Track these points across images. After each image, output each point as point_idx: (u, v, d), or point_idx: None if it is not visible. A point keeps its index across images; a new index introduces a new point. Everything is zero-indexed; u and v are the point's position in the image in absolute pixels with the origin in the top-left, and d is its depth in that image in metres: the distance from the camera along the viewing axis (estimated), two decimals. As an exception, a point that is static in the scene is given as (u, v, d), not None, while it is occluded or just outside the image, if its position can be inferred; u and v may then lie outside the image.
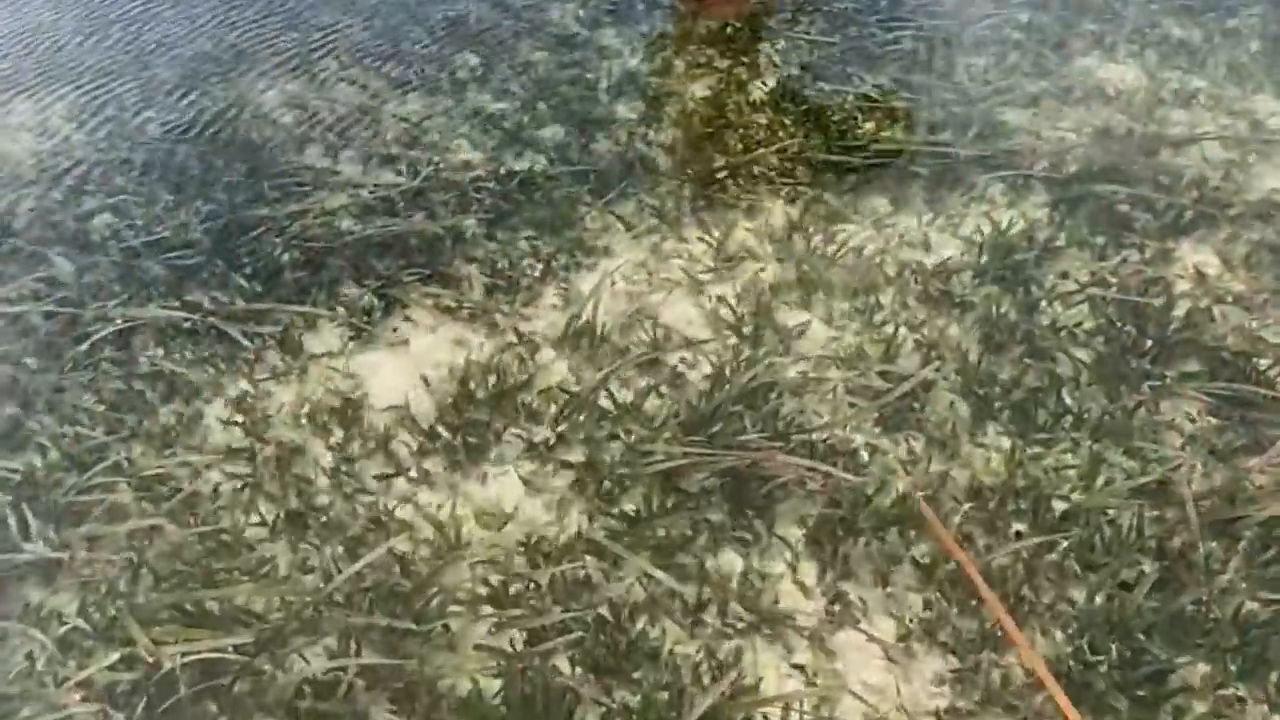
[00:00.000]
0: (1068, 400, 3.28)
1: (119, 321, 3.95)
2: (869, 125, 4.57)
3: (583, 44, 5.37)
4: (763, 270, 3.91)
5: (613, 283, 3.93)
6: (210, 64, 5.56)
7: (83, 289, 4.17)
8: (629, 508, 3.13)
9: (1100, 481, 3.03)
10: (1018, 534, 2.89)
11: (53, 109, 5.33)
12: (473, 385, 3.58)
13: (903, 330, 3.57)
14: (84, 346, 3.87)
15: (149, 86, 5.42)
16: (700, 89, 4.95)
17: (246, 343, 3.82)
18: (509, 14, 5.68)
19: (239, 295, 4.04)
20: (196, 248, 4.29)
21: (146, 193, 4.66)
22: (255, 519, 3.23)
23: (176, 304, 4.01)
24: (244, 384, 3.69)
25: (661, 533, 3.06)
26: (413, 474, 3.34)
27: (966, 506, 2.95)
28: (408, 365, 3.72)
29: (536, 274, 4.02)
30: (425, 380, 3.63)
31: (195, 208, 4.52)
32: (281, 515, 3.23)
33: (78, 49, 5.80)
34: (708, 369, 3.55)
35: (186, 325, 3.91)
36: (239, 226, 4.39)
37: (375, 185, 4.53)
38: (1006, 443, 3.18)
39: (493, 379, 3.58)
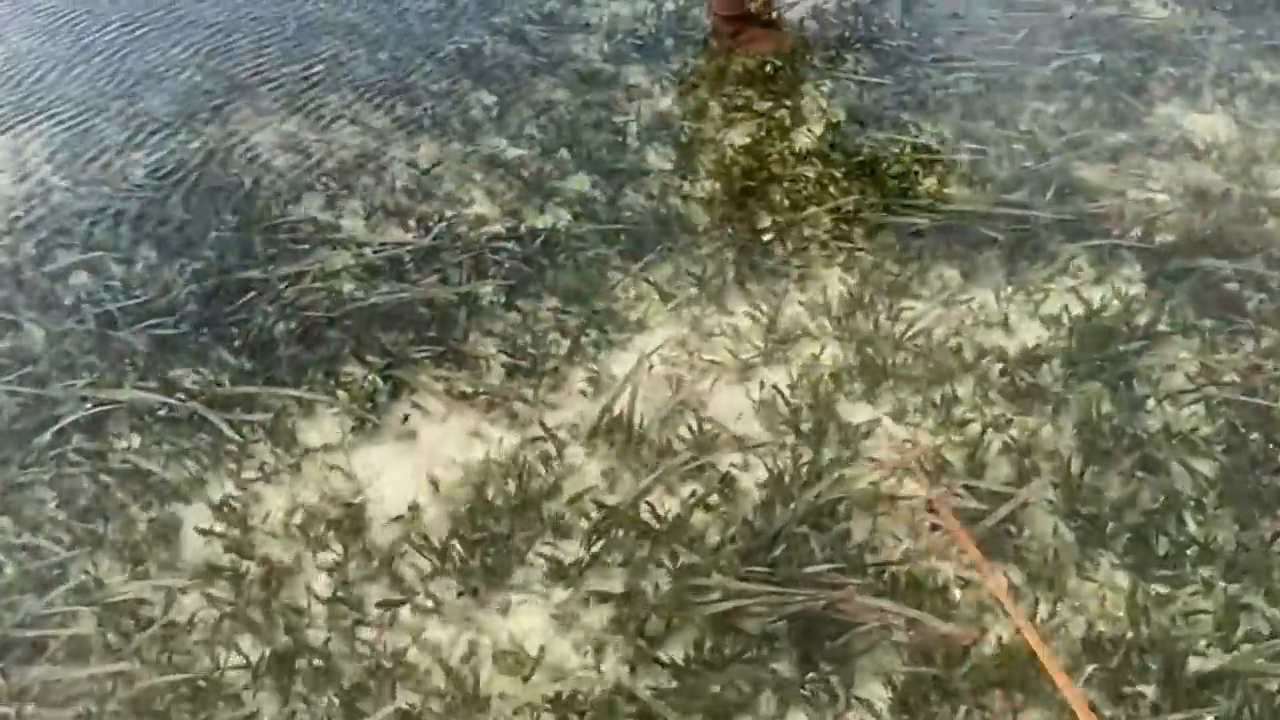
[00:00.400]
0: (1191, 527, 2.80)
1: (90, 405, 3.48)
2: (930, 181, 4.10)
3: (608, 82, 4.90)
4: (820, 352, 3.44)
5: (650, 365, 3.46)
6: (200, 98, 5.09)
7: (52, 362, 3.70)
8: (677, 655, 2.66)
9: (1240, 633, 2.55)
10: (1154, 708, 2.41)
11: (29, 147, 4.86)
12: (491, 491, 3.10)
13: (989, 432, 3.10)
14: (49, 435, 3.40)
15: (133, 123, 4.95)
16: (739, 135, 4.48)
17: (232, 433, 3.34)
18: (526, 47, 5.21)
19: (225, 374, 3.57)
20: (179, 314, 3.82)
21: (126, 248, 4.19)
22: (237, 659, 2.75)
23: (155, 384, 3.54)
24: (229, 485, 3.22)
25: (717, 689, 2.59)
26: (422, 601, 2.87)
27: (1090, 668, 2.47)
28: (416, 463, 3.24)
29: (563, 352, 3.54)
30: (435, 484, 3.15)
31: (179, 266, 4.05)
32: (267, 655, 2.75)
33: (57, 80, 5.33)
34: (763, 474, 3.07)
35: (165, 411, 3.44)
36: (227, 290, 3.91)
37: (381, 244, 4.06)
38: (1124, 579, 2.70)
39: (514, 483, 3.11)
